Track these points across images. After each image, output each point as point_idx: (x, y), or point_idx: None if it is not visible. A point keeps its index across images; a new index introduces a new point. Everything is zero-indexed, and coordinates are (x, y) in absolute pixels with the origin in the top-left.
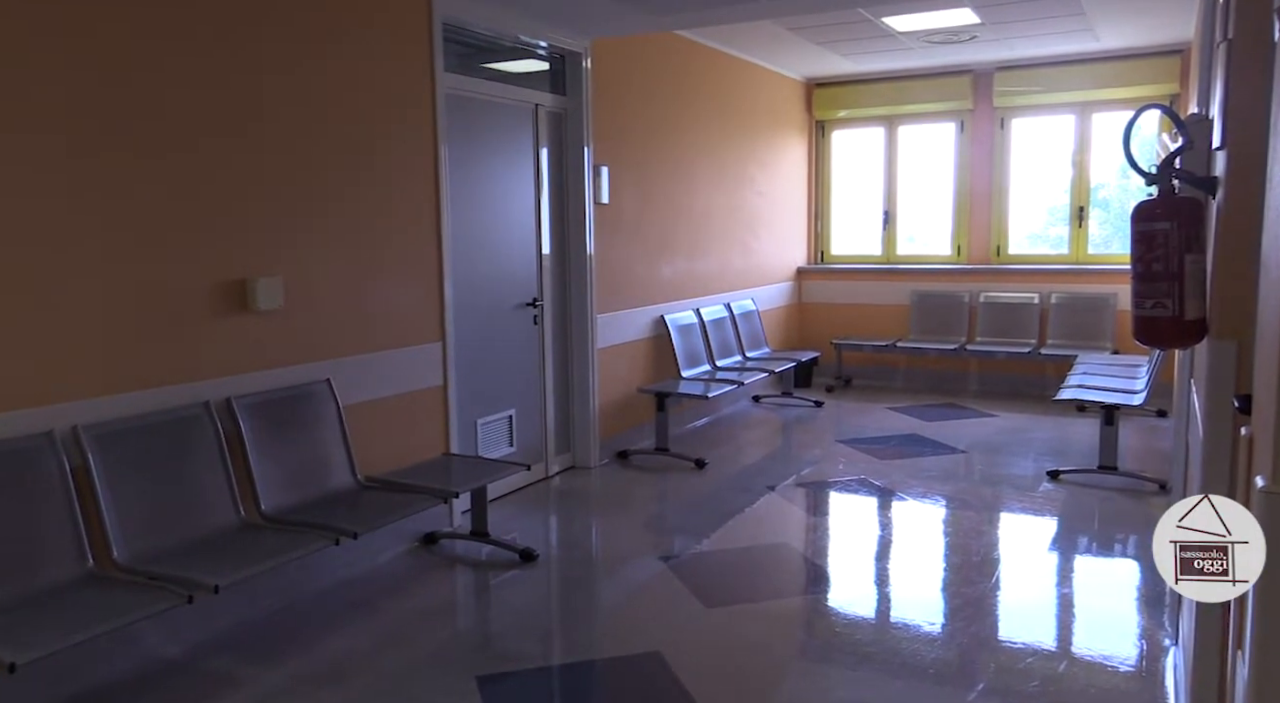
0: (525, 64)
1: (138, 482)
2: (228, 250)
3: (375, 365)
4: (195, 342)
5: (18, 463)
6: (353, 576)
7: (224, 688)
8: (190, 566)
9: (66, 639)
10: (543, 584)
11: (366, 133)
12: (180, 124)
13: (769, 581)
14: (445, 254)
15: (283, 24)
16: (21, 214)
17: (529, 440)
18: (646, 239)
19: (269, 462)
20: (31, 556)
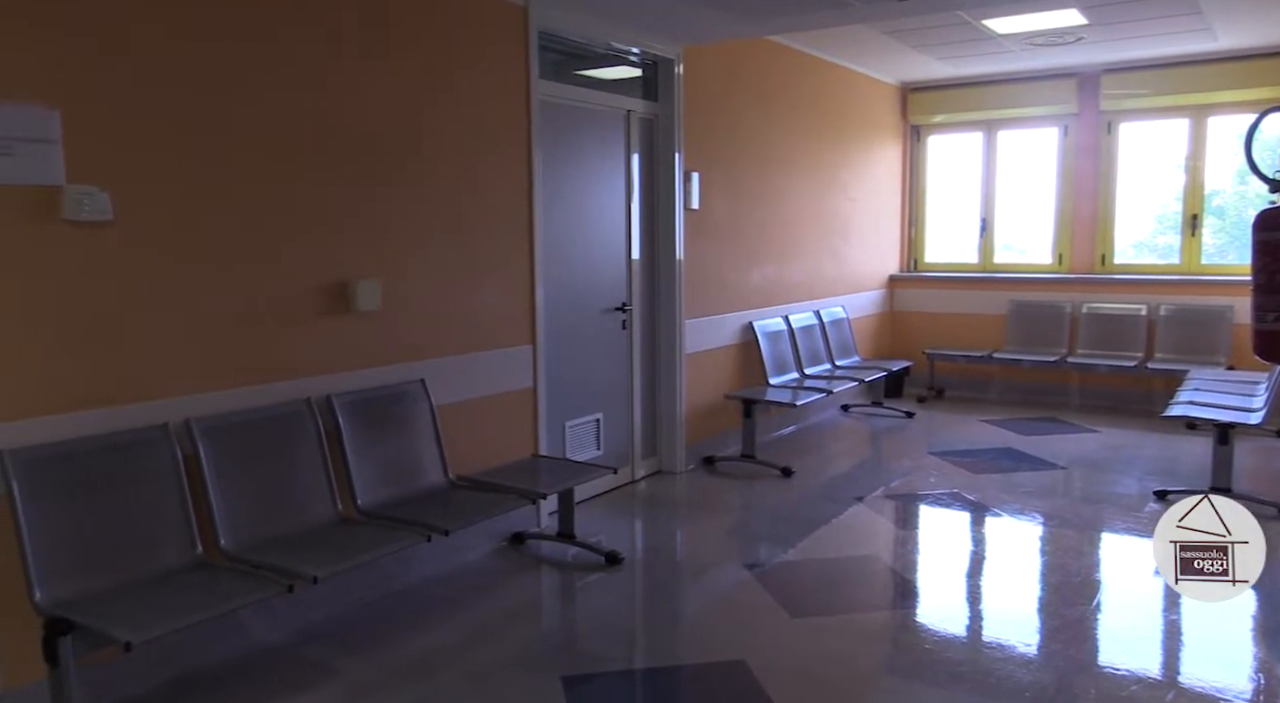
0: (617, 71)
1: (243, 474)
2: (330, 253)
3: (467, 367)
4: (299, 341)
5: (136, 453)
6: (442, 572)
7: (321, 676)
8: (291, 556)
9: (178, 622)
10: (627, 588)
11: (463, 139)
12: (288, 131)
13: (856, 593)
14: (537, 258)
15: (383, 35)
16: (142, 220)
17: (616, 444)
18: (736, 245)
19: (365, 458)
20: (147, 541)
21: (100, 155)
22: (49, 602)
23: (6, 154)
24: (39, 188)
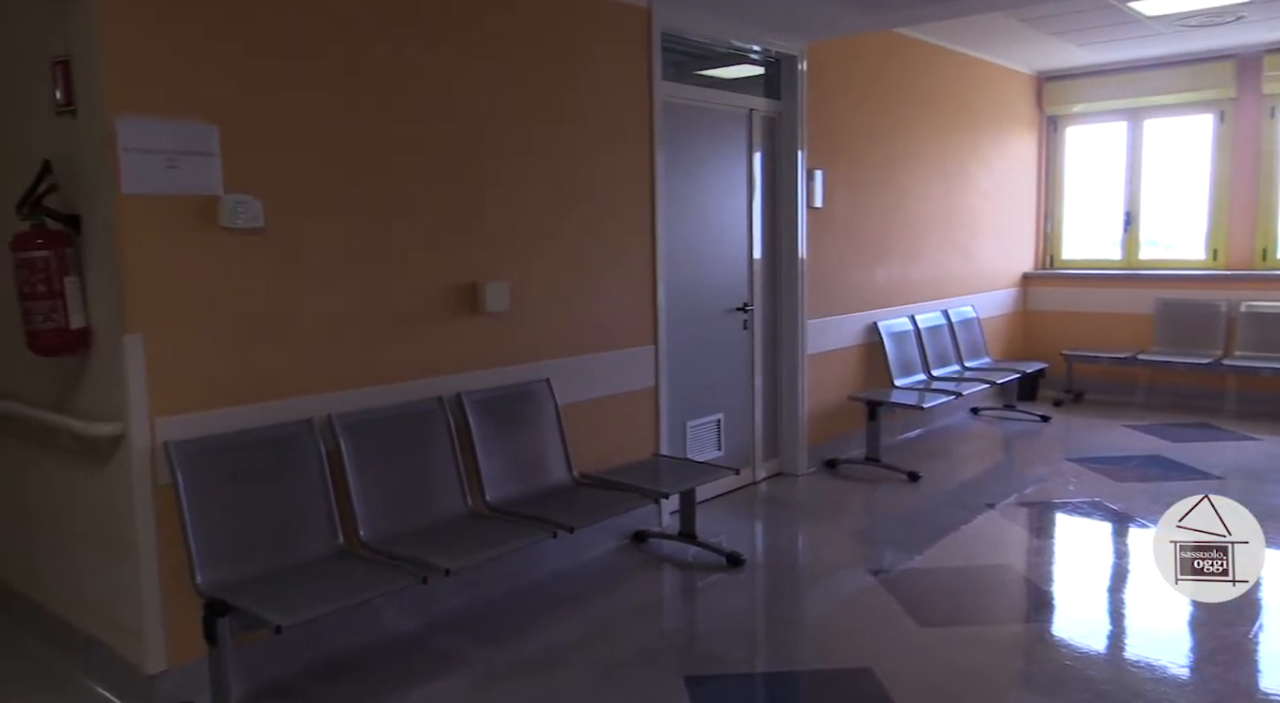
0: (738, 69)
1: (381, 468)
2: (461, 256)
3: (590, 367)
4: (431, 340)
5: (285, 447)
6: (566, 568)
7: (451, 665)
8: (424, 548)
9: (323, 608)
10: (749, 590)
11: (587, 142)
12: (422, 138)
13: (989, 603)
14: (659, 259)
15: (511, 39)
16: (289, 227)
17: (737, 445)
18: (860, 244)
19: (494, 455)
20: (295, 530)
21: (252, 166)
22: (208, 585)
23: (172, 166)
24: (200, 197)
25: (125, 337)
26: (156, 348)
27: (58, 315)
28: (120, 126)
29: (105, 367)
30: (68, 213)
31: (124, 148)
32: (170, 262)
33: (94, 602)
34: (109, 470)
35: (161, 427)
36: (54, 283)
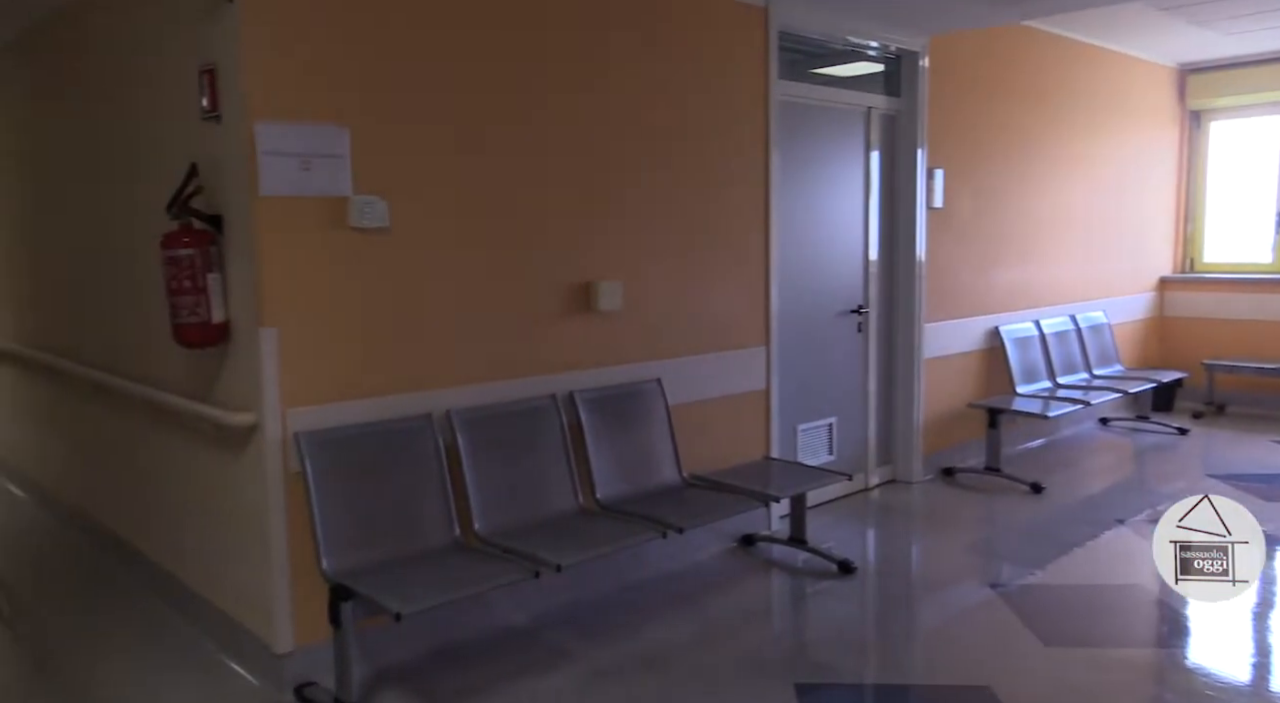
0: (856, 67)
1: (495, 463)
2: (576, 255)
3: (701, 367)
4: (546, 339)
5: (406, 440)
6: (675, 569)
7: (560, 659)
8: (536, 543)
9: (441, 597)
10: (861, 598)
11: (703, 142)
12: (540, 138)
13: (1119, 624)
14: (772, 260)
15: (627, 42)
16: (413, 227)
17: (849, 450)
18: (982, 245)
19: (605, 453)
20: (414, 521)
21: (379, 168)
22: (333, 570)
23: (306, 169)
24: (331, 199)
25: (261, 331)
26: (289, 342)
27: (201, 310)
28: (259, 131)
29: (242, 359)
30: (211, 213)
31: (262, 151)
32: (302, 260)
33: (230, 582)
34: (244, 458)
35: (292, 417)
36: (198, 279)
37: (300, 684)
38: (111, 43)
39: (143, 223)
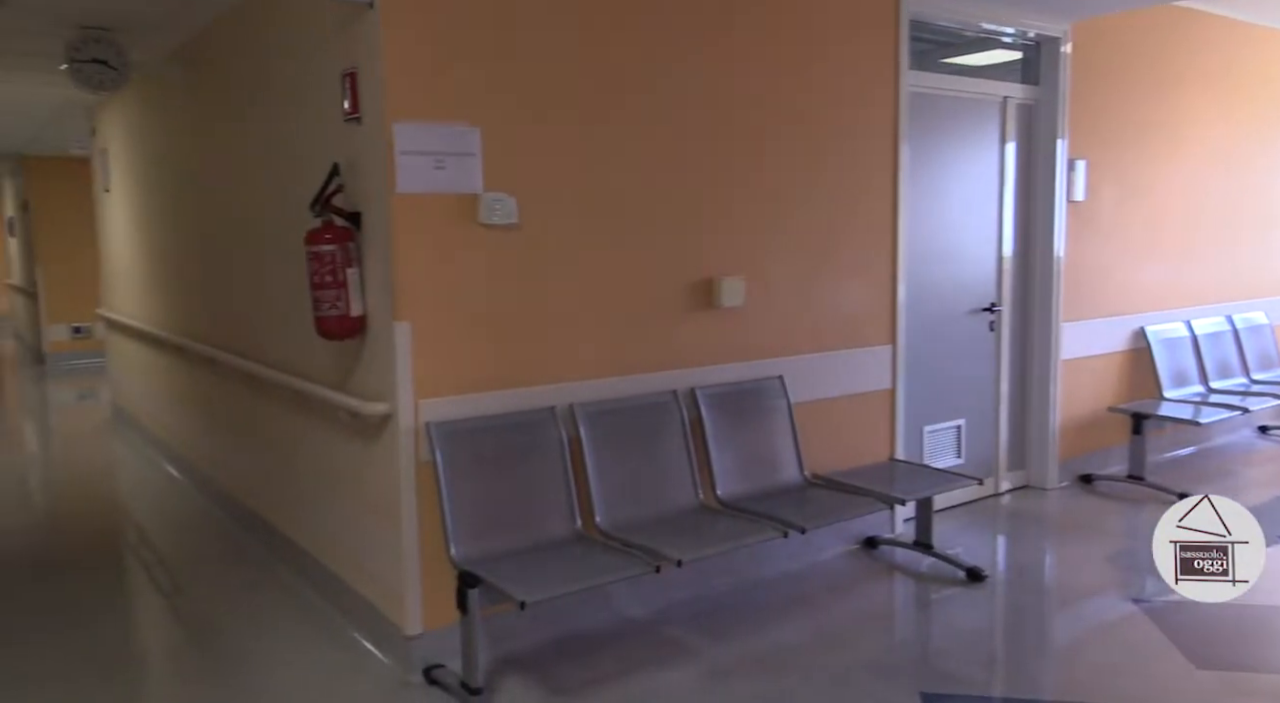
0: (990, 55)
1: (617, 457)
2: (699, 251)
3: (825, 365)
4: (668, 334)
5: (529, 433)
6: (795, 569)
7: (678, 654)
8: (657, 538)
9: (564, 588)
10: (990, 608)
11: (827, 136)
12: (664, 134)
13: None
14: (900, 256)
15: (754, 35)
16: (540, 223)
17: (979, 453)
18: (1126, 240)
19: (726, 450)
20: (538, 512)
21: (508, 166)
22: (461, 558)
23: (440, 167)
24: (462, 196)
25: (396, 324)
26: (421, 335)
27: (341, 303)
28: (397, 131)
29: (378, 351)
30: (351, 210)
31: (399, 151)
32: (434, 256)
33: (364, 566)
34: (379, 447)
35: (424, 408)
36: (338, 274)
37: (429, 667)
38: (261, 50)
39: (288, 220)
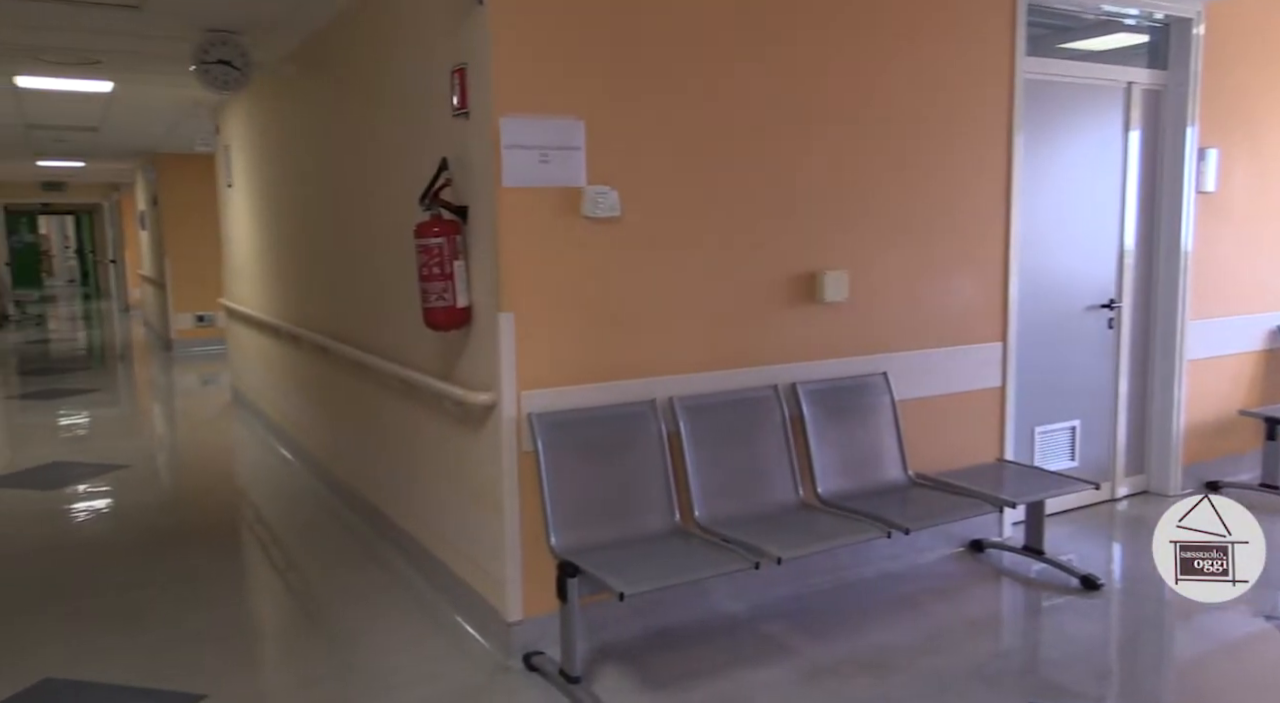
0: (1112, 39)
1: (717, 451)
2: (801, 244)
3: (931, 362)
4: (769, 329)
5: (629, 425)
6: (896, 570)
7: (776, 653)
8: (756, 534)
9: (663, 581)
10: (1105, 618)
11: (937, 125)
12: (765, 125)
13: None
14: (1012, 249)
15: (861, 23)
16: (642, 216)
17: (1094, 456)
18: (1261, 234)
19: (827, 447)
20: (637, 504)
21: (611, 159)
22: (561, 547)
23: (544, 161)
24: (566, 189)
25: (500, 315)
26: (524, 326)
27: (448, 295)
28: (503, 126)
29: (482, 342)
30: (458, 204)
31: (506, 145)
32: (538, 248)
33: (465, 550)
34: (482, 435)
35: (526, 399)
36: (446, 266)
37: (528, 653)
38: (374, 48)
39: (398, 213)
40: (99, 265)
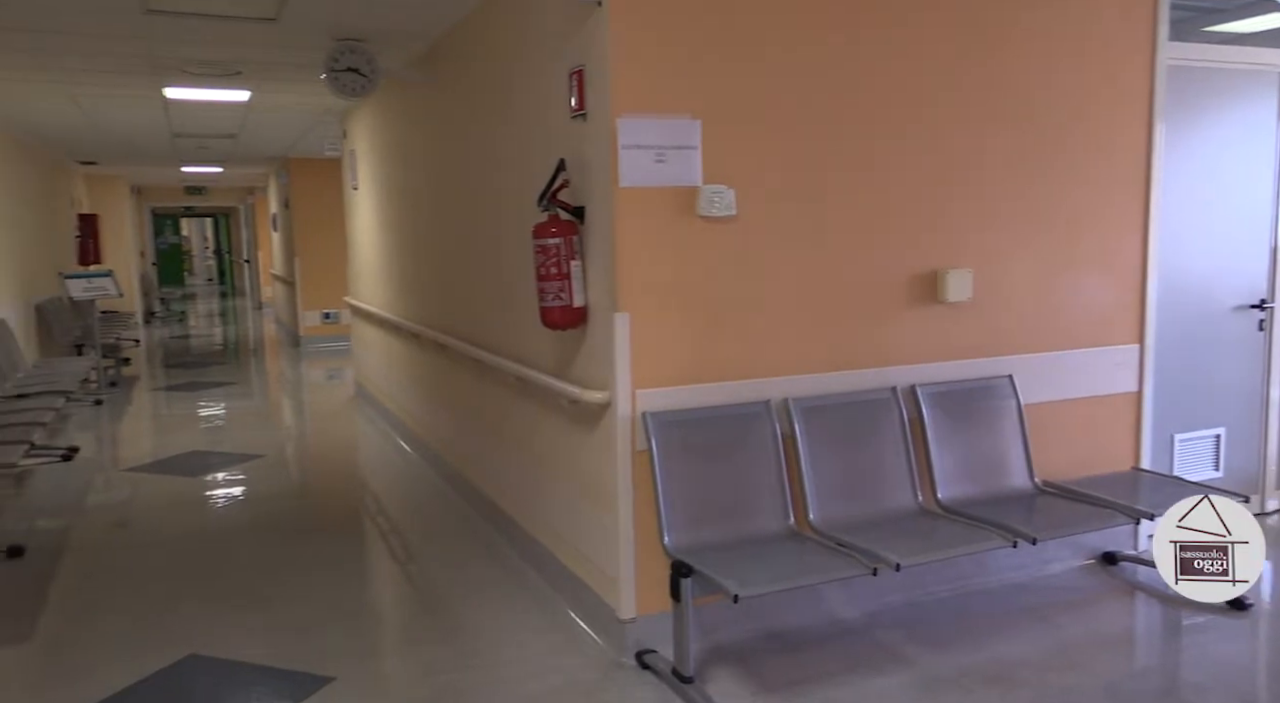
0: (1264, 20)
1: (832, 454)
2: (922, 242)
3: (1061, 365)
4: (887, 329)
5: (742, 426)
6: (1021, 580)
7: (892, 661)
8: (873, 539)
9: (778, 585)
10: (1253, 640)
11: (1069, 116)
12: (886, 124)
13: None
14: (1150, 246)
15: (982, 13)
16: (757, 215)
17: (1241, 467)
18: None
19: (948, 452)
20: (750, 505)
21: (727, 157)
22: (675, 547)
23: (660, 160)
24: (682, 188)
25: (615, 315)
26: (639, 326)
27: (565, 294)
28: (621, 126)
29: (597, 341)
30: (575, 205)
31: (623, 145)
32: (653, 248)
33: (578, 546)
34: (597, 434)
35: (641, 398)
36: (563, 266)
37: (641, 651)
38: (494, 53)
39: (515, 214)
40: (234, 265)
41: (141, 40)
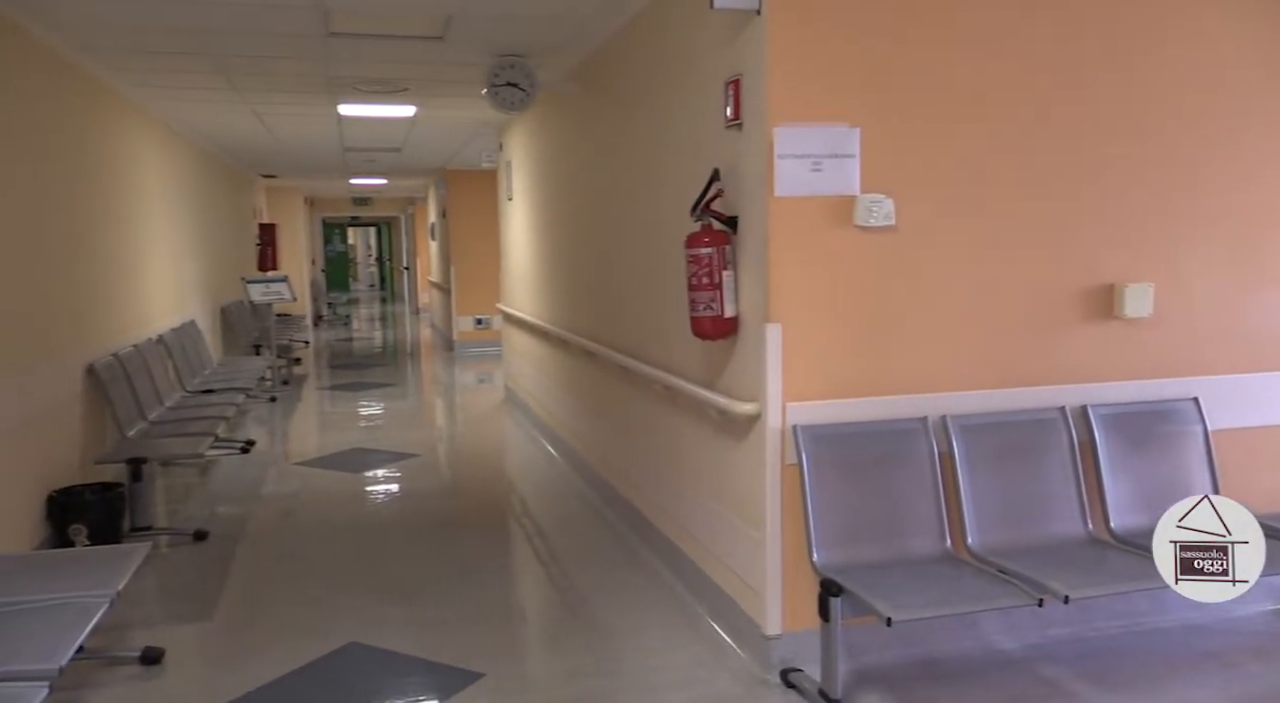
0: None
1: (993, 476)
2: (1096, 254)
3: (1255, 387)
4: (1055, 345)
5: (897, 443)
6: (1202, 622)
7: (1056, 697)
8: (1038, 568)
9: (935, 610)
10: None
11: (1257, 108)
12: (1055, 131)
13: None
14: None
15: (1146, 20)
16: (917, 226)
17: None
18: None
19: (1122, 478)
20: (904, 525)
21: (886, 166)
22: (824, 564)
23: (817, 170)
24: (838, 198)
25: (767, 326)
26: (791, 337)
27: (716, 304)
28: (777, 135)
29: (748, 353)
30: (729, 215)
31: (779, 155)
32: (807, 258)
33: (724, 558)
34: (745, 446)
35: (791, 411)
36: (714, 276)
37: (786, 669)
38: (648, 64)
39: (667, 224)
40: (394, 272)
41: (320, 61)
